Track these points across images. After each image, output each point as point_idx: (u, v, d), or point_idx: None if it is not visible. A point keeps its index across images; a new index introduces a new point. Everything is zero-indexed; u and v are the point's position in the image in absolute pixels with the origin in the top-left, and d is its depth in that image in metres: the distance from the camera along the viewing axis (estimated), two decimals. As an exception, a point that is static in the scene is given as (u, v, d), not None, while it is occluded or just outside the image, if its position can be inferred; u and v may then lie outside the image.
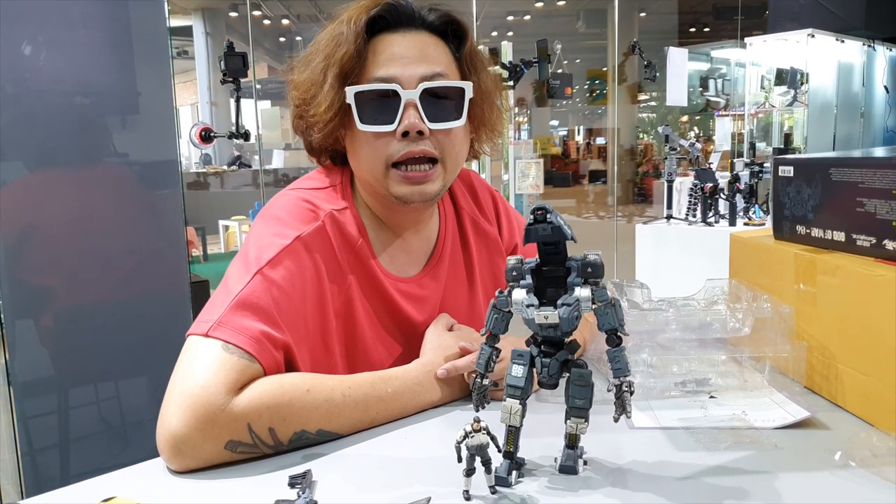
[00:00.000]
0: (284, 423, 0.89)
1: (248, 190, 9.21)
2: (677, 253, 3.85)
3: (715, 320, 1.07)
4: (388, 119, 1.03)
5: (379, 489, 0.81)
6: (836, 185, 1.05)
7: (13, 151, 1.91)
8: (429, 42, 1.08)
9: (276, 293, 0.97)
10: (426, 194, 1.09)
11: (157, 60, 2.12)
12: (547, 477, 0.82)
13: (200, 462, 0.86)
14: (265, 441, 0.88)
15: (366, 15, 1.05)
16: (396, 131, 1.04)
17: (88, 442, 2.08)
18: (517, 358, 0.81)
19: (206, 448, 0.85)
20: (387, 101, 1.03)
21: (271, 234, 1.03)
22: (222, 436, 0.85)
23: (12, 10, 1.88)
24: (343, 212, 1.11)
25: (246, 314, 0.93)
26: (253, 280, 0.96)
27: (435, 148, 1.06)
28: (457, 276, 1.26)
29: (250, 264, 0.99)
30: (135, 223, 2.12)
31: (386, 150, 1.05)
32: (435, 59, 1.07)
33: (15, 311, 1.92)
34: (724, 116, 7.26)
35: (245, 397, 0.87)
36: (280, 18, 15.33)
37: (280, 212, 1.08)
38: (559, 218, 0.77)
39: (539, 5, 14.15)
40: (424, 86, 1.04)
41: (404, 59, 1.05)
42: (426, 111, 1.04)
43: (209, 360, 0.89)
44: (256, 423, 0.87)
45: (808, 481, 0.81)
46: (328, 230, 1.07)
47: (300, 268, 1.02)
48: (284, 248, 1.01)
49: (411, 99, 1.03)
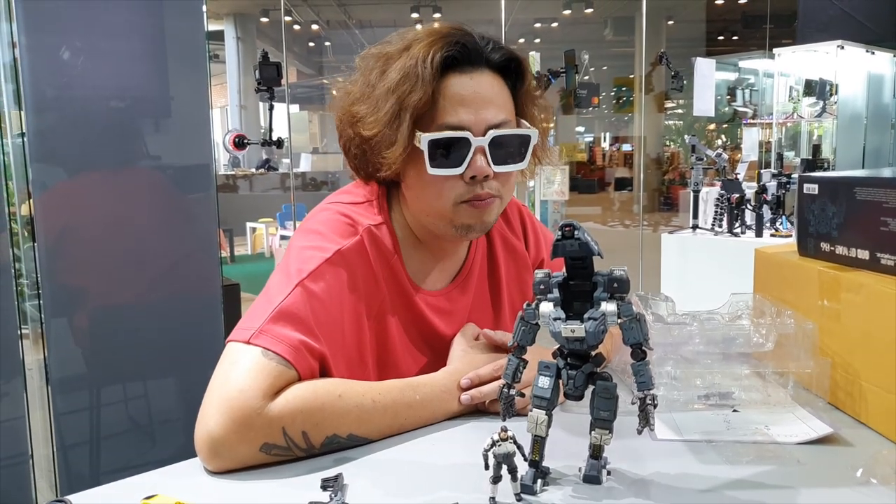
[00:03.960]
0: (317, 427, 0.93)
1: (276, 193, 9.31)
2: (702, 263, 3.84)
3: (739, 335, 1.08)
4: (457, 163, 1.05)
5: (408, 493, 0.83)
6: (860, 204, 1.06)
7: (55, 156, 1.96)
8: (494, 84, 1.09)
9: (316, 305, 1.00)
10: (486, 223, 1.13)
11: (194, 67, 2.17)
12: (571, 486, 0.84)
13: (236, 463, 0.89)
14: (298, 444, 0.92)
15: (439, 54, 1.04)
16: (464, 175, 1.06)
17: (117, 440, 2.12)
18: (544, 370, 0.83)
19: (241, 450, 0.89)
20: (456, 147, 1.05)
21: (312, 247, 1.07)
22: (258, 438, 0.89)
23: (57, 19, 1.93)
24: (380, 227, 1.13)
25: (286, 324, 0.97)
26: (294, 291, 1.00)
27: (495, 188, 1.10)
28: (484, 290, 1.29)
29: (292, 276, 1.02)
30: (169, 226, 2.17)
31: (452, 191, 1.08)
32: (501, 105, 1.09)
33: (54, 311, 1.97)
34: (751, 126, 7.21)
35: (280, 402, 0.91)
36: (310, 24, 15.45)
37: (320, 226, 1.11)
38: (586, 234, 0.79)
39: (567, 13, 14.12)
40: (493, 134, 1.06)
41: (474, 105, 1.06)
42: (492, 155, 1.06)
43: (248, 365, 0.92)
44: (290, 427, 0.91)
45: (830, 497, 0.82)
46: (366, 244, 1.10)
47: (339, 280, 1.05)
48: (325, 261, 1.04)
49: (481, 146, 1.05)
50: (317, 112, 17.26)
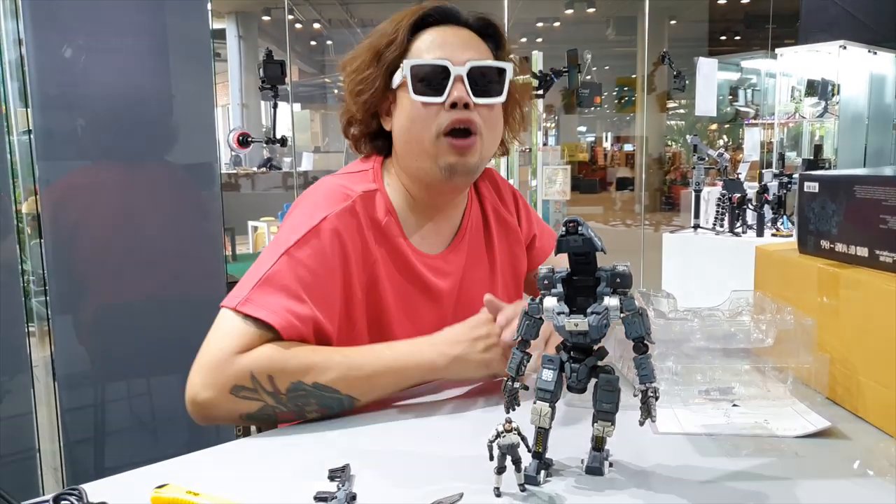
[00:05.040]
0: (283, 372, 0.99)
1: (278, 192, 9.31)
2: (704, 263, 3.85)
3: (739, 331, 1.09)
4: (438, 91, 1.15)
5: (414, 484, 0.85)
6: (859, 202, 1.08)
7: (61, 153, 1.97)
8: (472, 36, 1.22)
9: (302, 271, 1.06)
10: (468, 164, 1.20)
11: (199, 65, 2.18)
12: (574, 477, 0.86)
13: (210, 407, 0.98)
14: (265, 387, 0.98)
15: (418, 14, 1.20)
16: (445, 103, 1.15)
17: (121, 436, 2.14)
18: (547, 363, 0.85)
19: (215, 395, 0.98)
20: (437, 77, 1.15)
21: (302, 215, 1.13)
22: (228, 382, 0.98)
23: (63, 17, 1.94)
24: (373, 192, 1.20)
25: (271, 291, 1.03)
26: (280, 260, 1.06)
27: (477, 123, 1.18)
28: (479, 253, 1.36)
29: (280, 245, 1.09)
30: (174, 224, 2.18)
31: (435, 119, 1.17)
32: (479, 48, 1.21)
33: (60, 307, 1.99)
34: (753, 126, 7.22)
35: (251, 353, 0.99)
36: (311, 23, 15.46)
37: (316, 196, 1.19)
38: (590, 230, 0.81)
39: (569, 12, 14.13)
40: (471, 63, 1.16)
41: (452, 46, 1.18)
42: (472, 87, 1.16)
43: (228, 330, 1.01)
44: (258, 371, 0.98)
45: (827, 488, 0.84)
46: (357, 208, 1.16)
47: (326, 245, 1.10)
48: (311, 229, 1.10)
49: (459, 74, 1.15)
50: (318, 111, 17.28)
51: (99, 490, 0.83)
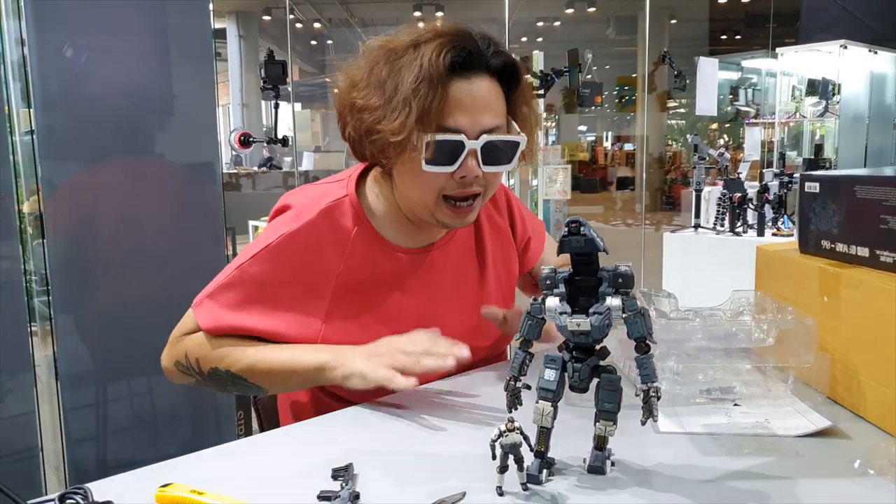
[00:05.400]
0: (205, 358, 1.17)
1: (279, 192, 9.29)
2: (704, 262, 3.85)
3: (740, 331, 1.10)
4: (450, 162, 1.12)
5: (417, 483, 0.85)
6: (860, 203, 1.08)
7: (63, 153, 1.98)
8: (491, 89, 1.15)
9: (249, 286, 1.17)
10: (467, 223, 1.23)
11: (201, 65, 2.19)
12: (576, 476, 0.86)
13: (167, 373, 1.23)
14: (193, 367, 1.18)
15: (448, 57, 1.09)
16: (455, 174, 1.14)
17: (123, 436, 2.15)
18: (550, 363, 0.85)
19: (167, 364, 1.22)
20: (451, 147, 1.11)
21: (265, 232, 1.22)
22: (173, 357, 1.20)
23: (65, 17, 1.95)
24: (339, 203, 1.23)
25: (217, 298, 1.18)
26: (233, 273, 1.18)
27: (482, 185, 1.18)
28: (468, 253, 1.37)
29: (239, 258, 1.20)
30: (176, 223, 2.19)
31: (441, 183, 1.15)
32: (495, 109, 1.15)
33: (63, 307, 1.99)
34: (754, 125, 7.22)
35: (189, 337, 1.20)
36: (312, 22, 15.46)
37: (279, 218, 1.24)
38: (592, 230, 0.81)
39: (569, 12, 14.13)
40: (486, 138, 1.12)
41: (471, 111, 1.12)
42: (483, 157, 1.13)
43: (186, 317, 1.22)
44: (189, 353, 1.18)
45: (828, 487, 0.84)
46: (320, 224, 1.20)
47: (280, 261, 1.18)
48: (265, 247, 1.18)
49: (473, 149, 1.12)
50: (319, 110, 17.29)
51: (103, 489, 0.84)
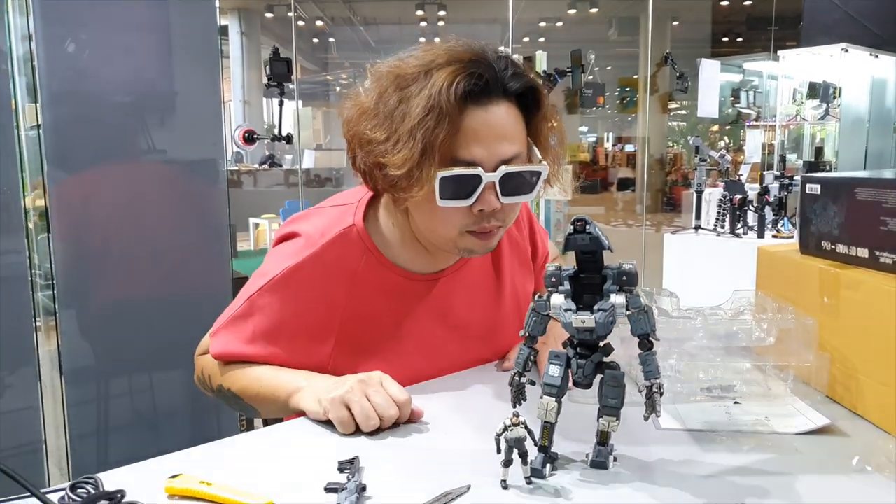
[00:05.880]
0: (213, 375, 1.21)
1: (280, 189, 9.31)
2: (705, 263, 3.86)
3: (741, 330, 1.11)
4: (466, 195, 1.05)
5: (422, 476, 0.87)
6: (860, 204, 1.09)
7: (69, 149, 1.99)
8: (509, 115, 1.08)
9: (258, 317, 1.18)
10: (488, 248, 1.16)
11: (206, 62, 2.20)
12: (579, 471, 0.88)
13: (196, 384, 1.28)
14: (206, 383, 1.24)
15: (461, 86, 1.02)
16: (473, 207, 1.07)
17: (124, 431, 2.16)
18: (554, 359, 0.87)
19: (194, 377, 1.28)
20: (467, 181, 1.05)
21: (273, 262, 1.20)
22: (197, 372, 1.27)
23: (72, 13, 1.96)
24: (346, 233, 1.18)
25: (231, 328, 1.20)
26: (244, 305, 1.19)
27: (501, 217, 1.11)
28: (486, 273, 1.32)
29: (251, 288, 1.20)
30: (180, 220, 2.20)
31: (459, 221, 1.09)
32: (514, 137, 1.08)
33: (68, 301, 2.00)
34: (754, 127, 7.23)
35: (205, 356, 1.24)
36: (314, 20, 15.46)
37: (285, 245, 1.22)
38: (597, 229, 0.83)
39: (571, 12, 14.13)
40: (504, 170, 1.05)
41: (487, 141, 1.05)
42: (501, 189, 1.06)
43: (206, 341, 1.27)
44: (204, 370, 1.24)
45: (826, 483, 0.86)
46: (326, 256, 1.16)
47: (287, 295, 1.17)
48: (273, 279, 1.17)
49: (491, 182, 1.05)
50: (321, 108, 17.28)
51: (113, 479, 0.85)
